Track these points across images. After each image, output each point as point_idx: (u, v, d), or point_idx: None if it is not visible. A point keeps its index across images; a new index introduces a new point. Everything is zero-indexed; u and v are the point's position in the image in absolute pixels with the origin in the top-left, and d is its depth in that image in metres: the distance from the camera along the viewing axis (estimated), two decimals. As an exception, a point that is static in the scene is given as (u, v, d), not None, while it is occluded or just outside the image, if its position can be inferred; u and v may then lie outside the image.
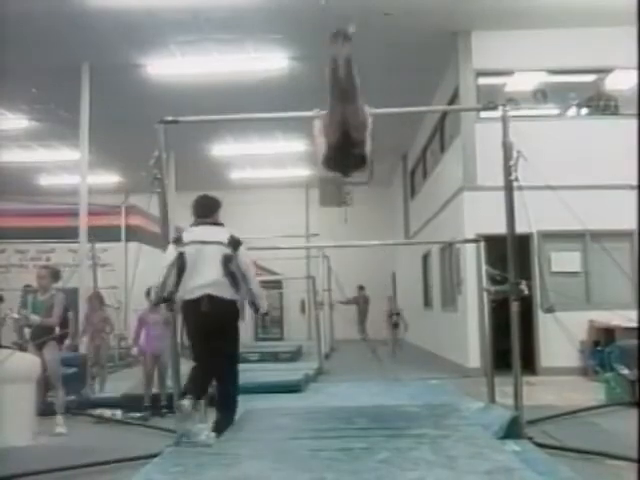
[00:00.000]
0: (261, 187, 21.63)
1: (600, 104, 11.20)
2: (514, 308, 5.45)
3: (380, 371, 10.89)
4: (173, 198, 14.91)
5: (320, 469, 4.18)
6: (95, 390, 8.88)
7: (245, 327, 5.96)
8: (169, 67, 12.25)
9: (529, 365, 9.84)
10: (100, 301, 9.55)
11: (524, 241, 9.82)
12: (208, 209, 5.55)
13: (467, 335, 10.66)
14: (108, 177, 19.43)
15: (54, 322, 6.68)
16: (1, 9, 9.19)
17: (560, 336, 9.29)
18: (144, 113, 9.22)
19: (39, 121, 14.68)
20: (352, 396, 8.14)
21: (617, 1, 8.90)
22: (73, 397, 7.68)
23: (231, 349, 5.53)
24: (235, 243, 5.33)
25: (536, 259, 10.45)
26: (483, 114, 10.45)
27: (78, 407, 7.63)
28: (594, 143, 10.56)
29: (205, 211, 5.54)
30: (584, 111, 11.60)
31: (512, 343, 5.46)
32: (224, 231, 5.46)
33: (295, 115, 6.41)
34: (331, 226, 19.62)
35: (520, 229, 5.81)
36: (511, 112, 5.69)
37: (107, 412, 7.44)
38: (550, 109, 11.84)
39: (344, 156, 4.94)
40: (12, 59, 9.99)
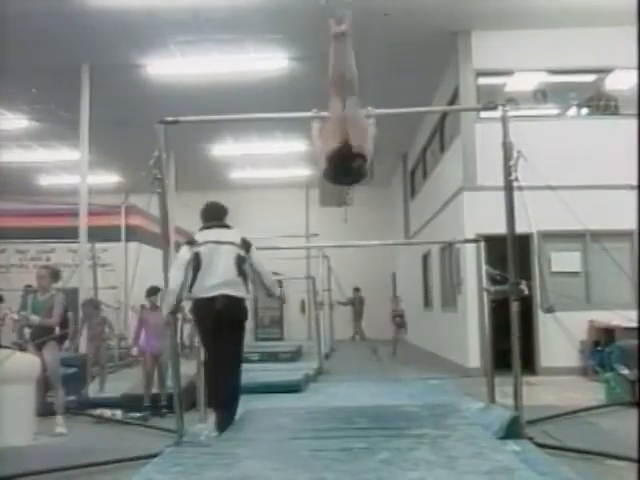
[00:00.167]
0: (261, 187, 21.62)
1: (600, 104, 11.20)
2: (514, 308, 5.44)
3: (380, 371, 10.88)
4: (173, 198, 14.94)
5: (320, 469, 4.18)
6: (94, 390, 8.87)
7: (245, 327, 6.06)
8: (169, 67, 12.25)
9: (529, 365, 9.84)
10: (95, 306, 9.57)
11: (524, 241, 9.82)
12: (218, 213, 5.85)
13: (467, 335, 10.67)
14: (108, 177, 19.41)
15: (54, 322, 6.68)
16: (1, 9, 9.20)
17: (560, 336, 9.31)
18: (144, 113, 9.22)
19: (39, 121, 14.68)
20: (352, 396, 8.14)
21: (617, 1, 8.89)
22: (73, 397, 7.67)
23: (238, 348, 5.70)
24: (247, 245, 5.62)
25: (536, 259, 10.44)
26: (483, 114, 10.46)
27: (78, 407, 7.63)
28: (594, 143, 10.55)
29: (216, 215, 5.83)
30: (584, 111, 11.60)
31: (512, 343, 5.46)
32: (235, 233, 5.73)
33: (294, 116, 6.40)
34: (331, 226, 19.66)
35: (520, 229, 5.80)
36: (511, 112, 5.69)
37: (107, 412, 7.43)
38: (550, 109, 11.83)
39: (343, 170, 4.89)
40: (12, 59, 9.97)
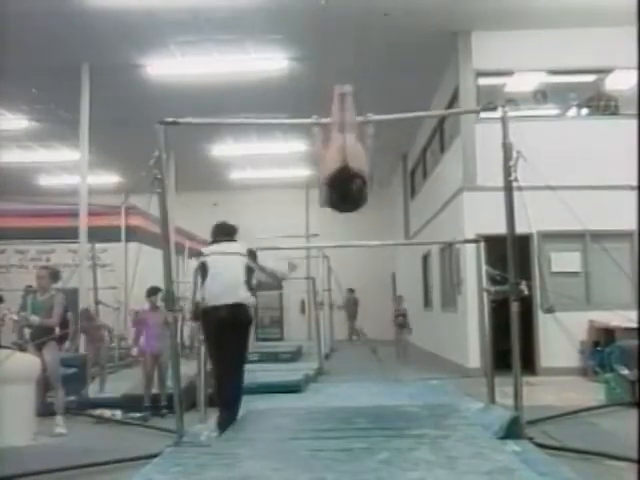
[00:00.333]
0: (261, 187, 21.61)
1: (600, 104, 11.19)
2: (514, 308, 5.44)
3: (380, 371, 10.87)
4: (173, 198, 14.94)
5: (320, 469, 4.18)
6: (94, 391, 8.86)
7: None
8: (169, 67, 12.24)
9: (529, 365, 9.84)
10: (88, 318, 9.59)
11: (524, 241, 9.81)
12: (227, 230, 6.27)
13: (467, 335, 10.66)
14: (108, 177, 19.40)
15: (54, 322, 6.68)
16: (1, 9, 9.19)
17: (560, 336, 9.29)
18: (144, 113, 9.23)
19: (39, 121, 14.68)
20: (352, 396, 8.13)
21: (617, 1, 8.88)
22: (73, 397, 7.67)
23: (241, 350, 5.95)
24: (253, 254, 6.04)
25: (536, 259, 10.44)
26: (483, 114, 10.43)
27: (78, 407, 7.63)
28: (594, 143, 10.55)
29: (224, 232, 6.25)
30: (584, 111, 11.60)
31: (512, 343, 5.46)
32: (241, 245, 6.13)
33: (294, 122, 6.45)
34: (331, 226, 19.61)
35: (520, 229, 5.80)
36: (511, 112, 5.69)
37: (107, 412, 7.43)
38: (550, 109, 11.83)
39: (343, 192, 5.10)
40: (12, 59, 9.97)
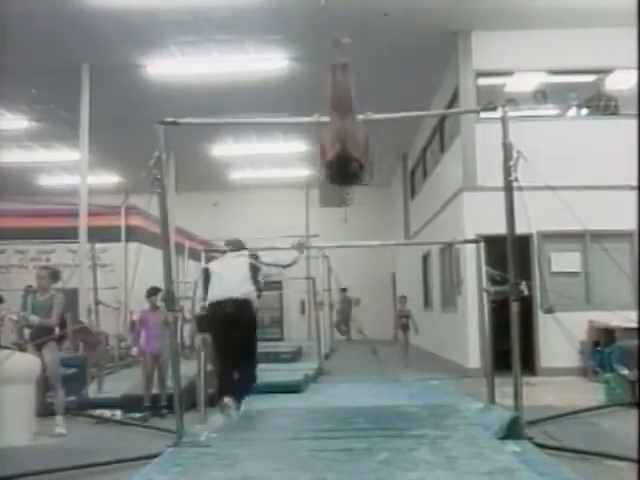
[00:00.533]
0: (261, 187, 21.61)
1: (600, 104, 11.19)
2: (514, 308, 5.44)
3: (380, 371, 10.87)
4: (173, 198, 14.93)
5: (320, 469, 4.19)
6: (94, 391, 8.86)
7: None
8: (169, 67, 12.24)
9: (529, 365, 9.83)
10: (88, 332, 9.63)
11: (524, 241, 9.81)
12: (236, 244, 6.91)
13: (467, 335, 10.66)
14: (108, 177, 19.40)
15: (54, 322, 6.67)
16: (1, 9, 9.19)
17: (560, 336, 9.29)
18: (144, 113, 9.22)
19: (39, 121, 14.68)
20: (352, 396, 8.14)
21: (617, 1, 8.89)
22: (73, 397, 7.66)
23: (250, 343, 6.29)
24: (255, 256, 6.60)
25: (536, 259, 10.43)
26: (483, 114, 10.42)
27: (78, 407, 7.62)
28: (594, 143, 10.55)
29: (235, 245, 6.89)
30: (584, 111, 11.59)
31: (512, 343, 5.46)
32: (245, 252, 6.73)
33: (294, 121, 6.45)
34: (331, 226, 19.63)
35: (520, 229, 5.80)
36: (511, 112, 5.69)
37: (107, 412, 7.43)
38: (550, 109, 11.82)
39: (342, 172, 5.19)
40: (12, 59, 9.96)
